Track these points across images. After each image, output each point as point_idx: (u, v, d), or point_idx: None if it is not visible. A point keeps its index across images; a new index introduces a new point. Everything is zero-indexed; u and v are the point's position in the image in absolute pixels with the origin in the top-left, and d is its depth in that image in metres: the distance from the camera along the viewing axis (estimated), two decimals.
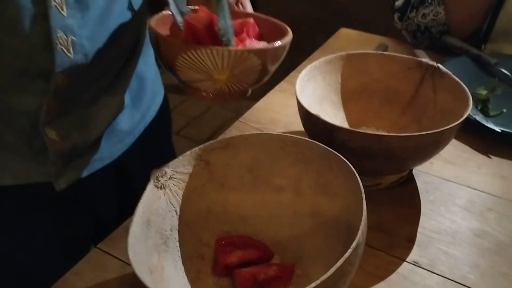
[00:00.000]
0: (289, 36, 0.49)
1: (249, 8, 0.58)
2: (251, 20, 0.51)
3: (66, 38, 0.50)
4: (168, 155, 0.81)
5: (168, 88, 0.81)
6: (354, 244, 0.38)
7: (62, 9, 0.49)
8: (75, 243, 0.68)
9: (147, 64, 0.70)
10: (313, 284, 0.35)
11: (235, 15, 0.51)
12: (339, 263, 0.37)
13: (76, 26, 0.51)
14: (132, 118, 0.68)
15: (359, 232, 0.39)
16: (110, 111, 0.63)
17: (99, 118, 0.61)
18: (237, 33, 0.48)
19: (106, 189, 0.71)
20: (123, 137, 0.67)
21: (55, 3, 0.48)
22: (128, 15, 0.59)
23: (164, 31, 0.49)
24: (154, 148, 0.75)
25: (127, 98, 0.66)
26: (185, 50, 0.44)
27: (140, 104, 0.69)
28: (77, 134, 0.59)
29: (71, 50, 0.51)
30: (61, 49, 0.50)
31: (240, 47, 0.46)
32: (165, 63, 0.47)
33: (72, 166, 0.61)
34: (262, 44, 0.49)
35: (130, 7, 0.59)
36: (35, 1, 0.47)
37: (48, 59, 0.50)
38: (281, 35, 0.50)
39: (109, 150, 0.66)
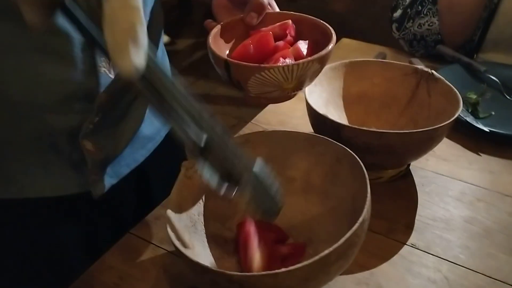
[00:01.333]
0: (334, 35, 0.55)
1: (276, 7, 0.61)
2: (289, 21, 0.57)
3: (108, 61, 0.55)
4: (182, 159, 0.87)
5: None
6: (360, 219, 0.45)
7: None
8: (97, 242, 0.74)
9: None
10: (327, 251, 0.42)
11: (272, 17, 0.57)
12: (348, 234, 0.43)
13: None
14: (153, 125, 0.73)
15: (364, 210, 0.46)
16: (136, 120, 0.68)
17: (126, 128, 0.66)
18: (282, 36, 0.55)
19: (128, 193, 0.75)
20: (145, 144, 0.72)
21: None
22: (154, 33, 0.64)
23: (217, 47, 0.55)
24: (171, 154, 0.81)
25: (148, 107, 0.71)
26: (259, 71, 0.50)
27: None
28: (109, 143, 0.63)
29: (111, 71, 0.56)
30: (104, 71, 0.55)
31: (306, 59, 0.51)
32: (235, 82, 0.53)
33: (106, 174, 0.65)
34: (307, 44, 0.55)
35: (150, 22, 0.63)
36: None
37: (93, 81, 0.55)
38: (319, 32, 0.56)
39: (134, 156, 0.70)
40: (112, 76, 0.56)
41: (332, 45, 0.53)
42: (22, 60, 0.51)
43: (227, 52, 0.58)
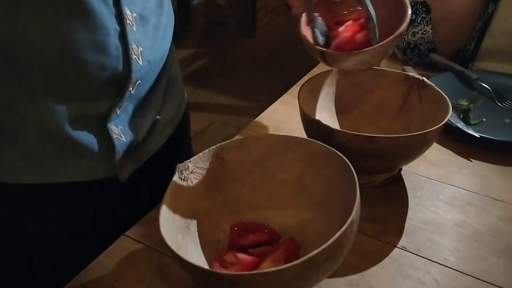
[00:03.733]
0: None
1: None
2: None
3: (137, 48, 0.60)
4: (189, 153, 0.90)
5: None
6: (349, 220, 0.46)
7: (133, 25, 0.59)
8: (110, 228, 0.75)
9: (175, 67, 0.80)
10: (316, 251, 0.43)
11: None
12: (337, 235, 0.45)
13: (142, 38, 0.61)
14: (168, 113, 0.77)
15: (353, 211, 0.47)
16: (154, 107, 0.72)
17: (146, 113, 0.71)
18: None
19: (143, 180, 0.78)
20: (161, 130, 0.76)
21: (129, 21, 0.58)
22: (168, 27, 0.70)
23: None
24: (180, 146, 0.85)
25: (163, 95, 0.75)
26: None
27: (173, 100, 0.79)
28: (133, 128, 0.68)
29: (140, 58, 0.61)
30: (135, 58, 0.60)
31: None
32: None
33: (130, 159, 0.70)
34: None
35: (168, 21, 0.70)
36: (117, 22, 0.57)
37: (125, 68, 0.60)
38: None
39: (153, 142, 0.75)
40: (141, 62, 0.62)
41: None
42: (66, 50, 0.55)
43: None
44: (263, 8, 3.70)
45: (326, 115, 0.77)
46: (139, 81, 0.63)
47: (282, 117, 0.88)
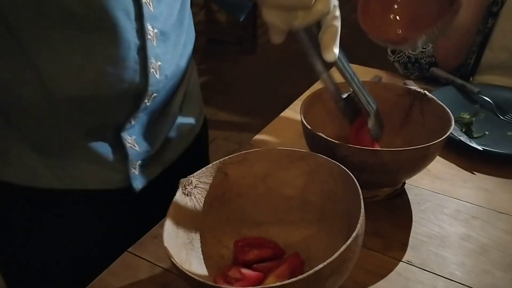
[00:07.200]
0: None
1: None
2: None
3: (156, 63, 0.62)
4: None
5: None
6: (354, 234, 0.46)
7: (153, 41, 0.61)
8: (122, 242, 0.75)
9: (193, 82, 0.82)
10: (321, 265, 0.43)
11: None
12: (342, 249, 0.44)
13: (161, 53, 0.63)
14: (183, 126, 0.79)
15: (358, 225, 0.47)
16: (170, 120, 0.74)
17: (161, 126, 0.72)
18: None
19: (158, 193, 0.77)
20: (177, 144, 0.77)
21: (150, 36, 0.60)
22: (188, 43, 0.72)
23: None
24: (197, 159, 0.84)
25: (180, 109, 0.77)
26: None
27: (189, 114, 0.80)
28: (147, 139, 0.69)
29: (158, 72, 0.63)
30: (153, 72, 0.62)
31: None
32: None
33: (144, 170, 0.71)
34: None
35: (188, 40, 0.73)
36: (137, 36, 0.59)
37: (143, 81, 0.62)
38: None
39: (167, 156, 0.75)
40: (158, 76, 0.63)
41: None
42: (87, 61, 0.57)
43: None
44: (264, 26, 3.73)
45: (328, 129, 0.77)
46: (155, 94, 0.65)
47: (284, 132, 0.88)
